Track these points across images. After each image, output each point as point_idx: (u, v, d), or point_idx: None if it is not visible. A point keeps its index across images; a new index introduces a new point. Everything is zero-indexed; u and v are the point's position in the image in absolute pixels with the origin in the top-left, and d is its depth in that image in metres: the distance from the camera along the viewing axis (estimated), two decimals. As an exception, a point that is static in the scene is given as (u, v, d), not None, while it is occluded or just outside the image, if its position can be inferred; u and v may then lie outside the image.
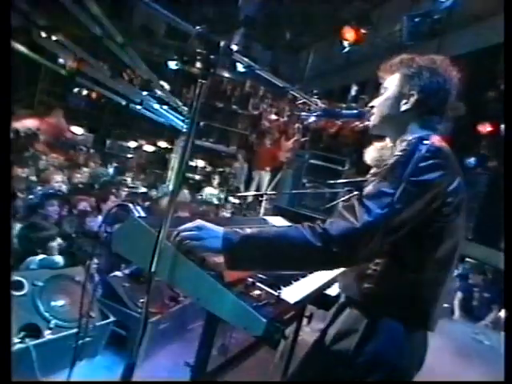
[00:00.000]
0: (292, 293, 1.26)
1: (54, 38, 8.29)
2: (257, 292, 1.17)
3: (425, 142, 1.17)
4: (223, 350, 2.76)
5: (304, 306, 2.13)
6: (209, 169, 10.07)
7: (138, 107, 10.32)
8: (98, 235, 2.78)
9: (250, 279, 1.23)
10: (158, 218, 1.20)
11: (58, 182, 5.54)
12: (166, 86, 10.11)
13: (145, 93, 9.95)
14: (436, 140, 1.21)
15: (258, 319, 1.01)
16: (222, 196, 7.83)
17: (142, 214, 1.40)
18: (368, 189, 1.15)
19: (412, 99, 1.27)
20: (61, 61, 9.55)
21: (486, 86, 6.06)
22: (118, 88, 9.87)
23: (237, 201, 6.49)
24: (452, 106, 1.28)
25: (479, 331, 5.26)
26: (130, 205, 1.47)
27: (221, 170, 9.45)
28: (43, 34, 8.20)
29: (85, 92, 10.85)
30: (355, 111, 1.55)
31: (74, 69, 9.58)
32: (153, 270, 1.15)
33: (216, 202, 7.44)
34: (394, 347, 1.20)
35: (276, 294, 1.18)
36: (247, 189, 8.83)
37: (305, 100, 7.34)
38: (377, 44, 6.98)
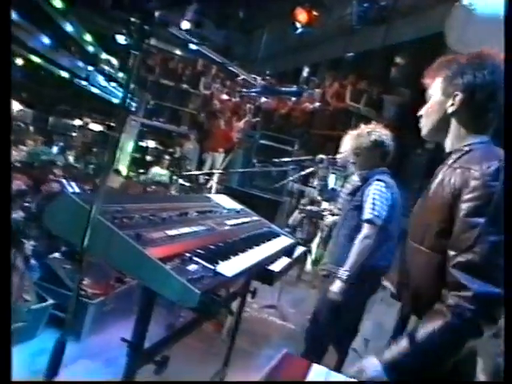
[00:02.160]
0: (229, 267, 1.28)
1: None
2: (193, 266, 1.18)
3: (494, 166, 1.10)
4: (171, 329, 2.78)
5: (248, 281, 2.18)
6: (160, 149, 9.77)
7: (84, 83, 9.73)
8: (34, 215, 2.67)
9: (188, 254, 1.23)
10: (92, 194, 1.17)
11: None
12: (115, 62, 9.61)
13: (91, 68, 9.39)
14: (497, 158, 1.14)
15: (191, 291, 1.02)
16: (171, 176, 7.66)
17: (77, 190, 1.35)
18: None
19: (457, 99, 1.23)
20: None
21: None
22: (60, 61, 9.21)
23: (186, 183, 6.32)
24: (397, 92, 1.28)
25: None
26: (64, 181, 1.42)
27: (171, 150, 9.21)
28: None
29: (20, 62, 9.93)
30: (294, 89, 1.57)
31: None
32: (85, 245, 1.12)
33: (164, 181, 7.28)
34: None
35: (212, 267, 1.20)
36: (199, 170, 8.70)
37: (244, 77, 7.30)
38: (328, 26, 7.05)
